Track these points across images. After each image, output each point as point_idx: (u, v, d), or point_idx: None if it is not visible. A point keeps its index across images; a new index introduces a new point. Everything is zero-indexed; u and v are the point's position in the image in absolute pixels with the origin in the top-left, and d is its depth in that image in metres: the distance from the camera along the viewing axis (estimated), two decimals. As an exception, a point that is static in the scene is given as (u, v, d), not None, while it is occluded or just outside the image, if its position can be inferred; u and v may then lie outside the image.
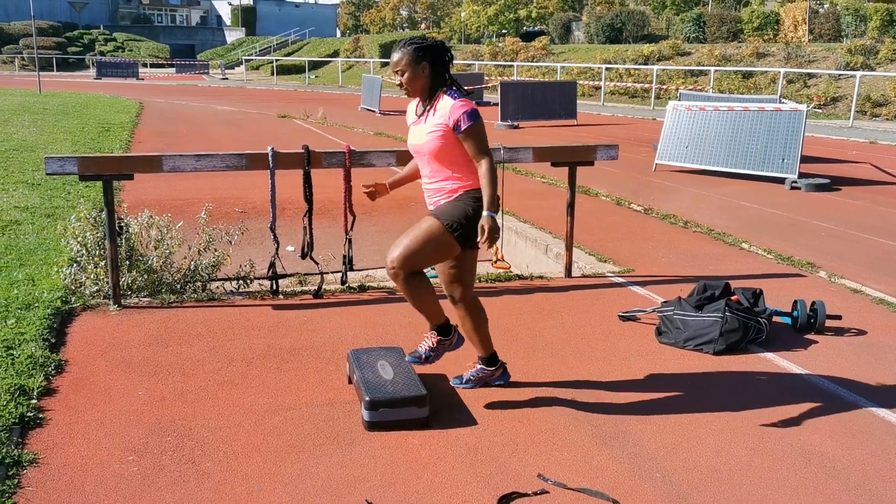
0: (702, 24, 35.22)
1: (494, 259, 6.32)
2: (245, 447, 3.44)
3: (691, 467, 3.34)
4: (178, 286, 5.56)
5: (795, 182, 10.46)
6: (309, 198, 5.50)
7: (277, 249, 5.58)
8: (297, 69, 48.93)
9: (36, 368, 4.11)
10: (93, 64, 49.39)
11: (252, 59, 53.38)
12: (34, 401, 3.79)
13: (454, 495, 3.10)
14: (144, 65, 56.30)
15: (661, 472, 3.29)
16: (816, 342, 4.86)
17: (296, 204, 9.11)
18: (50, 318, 4.85)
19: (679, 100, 13.62)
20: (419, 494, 3.10)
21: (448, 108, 3.55)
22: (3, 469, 3.17)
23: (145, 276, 5.52)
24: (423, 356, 3.81)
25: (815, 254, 7.00)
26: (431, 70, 3.60)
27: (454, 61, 3.75)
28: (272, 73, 47.81)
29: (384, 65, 41.93)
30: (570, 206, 6.09)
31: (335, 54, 50.88)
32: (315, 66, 47.73)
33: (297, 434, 3.57)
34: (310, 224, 5.57)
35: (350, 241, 5.67)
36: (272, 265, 5.56)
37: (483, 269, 6.45)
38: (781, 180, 10.76)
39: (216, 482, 3.16)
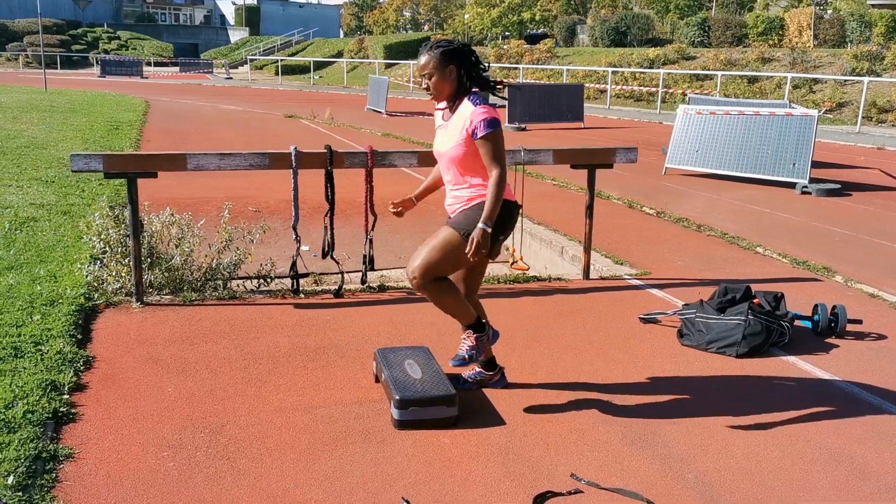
0: (706, 28, 35.26)
1: (512, 261, 6.35)
2: (278, 444, 3.46)
3: (723, 469, 3.36)
4: (199, 284, 5.58)
5: (806, 187, 10.48)
6: (331, 198, 5.51)
7: (299, 248, 5.60)
8: (301, 69, 48.99)
9: (65, 364, 4.13)
10: (97, 62, 49.48)
11: (256, 59, 53.43)
12: (66, 396, 3.81)
13: (489, 493, 3.12)
14: (148, 63, 56.39)
15: (693, 474, 3.31)
16: (838, 346, 4.88)
17: (309, 203, 9.14)
18: (75, 314, 4.87)
19: (688, 104, 13.64)
20: (454, 492, 3.12)
21: (468, 113, 3.53)
22: (41, 463, 3.19)
23: (167, 274, 5.54)
24: (467, 356, 3.76)
25: (829, 258, 7.03)
26: (458, 73, 3.59)
27: (483, 64, 3.72)
28: (276, 73, 47.87)
29: (389, 66, 41.99)
30: (589, 208, 6.11)
31: (339, 55, 50.94)
32: (319, 66, 47.78)
33: (329, 432, 3.59)
34: (331, 224, 5.59)
35: (371, 241, 5.69)
36: (294, 264, 5.58)
37: (502, 270, 6.49)
38: (792, 185, 10.79)
39: (252, 478, 3.18)
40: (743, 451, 3.51)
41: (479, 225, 3.49)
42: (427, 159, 5.69)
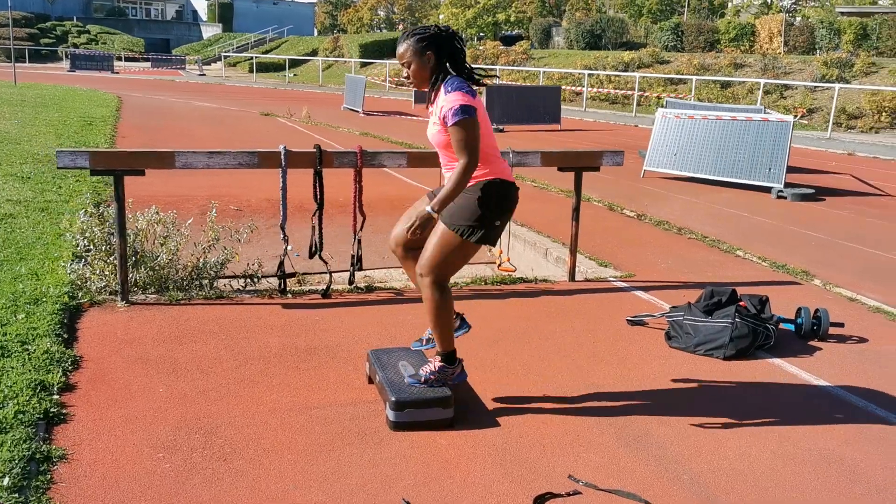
0: (679, 33, 35.63)
1: (499, 262, 6.37)
2: (274, 445, 3.45)
3: (717, 470, 3.40)
4: (186, 283, 5.53)
5: (781, 191, 10.63)
6: (321, 197, 5.49)
7: (286, 248, 5.57)
8: (275, 67, 48.66)
9: (53, 364, 4.07)
10: (66, 56, 48.76)
11: (230, 56, 52.99)
12: (56, 396, 3.76)
13: (488, 495, 3.13)
14: (119, 58, 55.66)
15: (688, 475, 3.35)
16: (821, 349, 4.96)
17: (292, 203, 9.09)
18: (59, 313, 4.80)
19: (665, 107, 13.77)
20: (454, 494, 3.13)
21: (442, 99, 3.49)
22: (34, 464, 3.15)
23: (152, 273, 5.48)
24: (423, 378, 3.74)
25: (808, 262, 7.14)
26: (437, 59, 3.52)
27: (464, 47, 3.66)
28: (250, 71, 47.51)
29: (364, 65, 41.88)
30: (576, 210, 6.15)
31: (314, 53, 50.68)
32: (294, 64, 47.51)
33: (325, 433, 3.58)
34: (319, 223, 5.57)
35: (360, 241, 5.68)
36: (281, 264, 5.55)
37: (488, 271, 6.50)
38: (768, 189, 10.94)
39: (250, 480, 3.17)
40: (735, 453, 3.56)
41: (427, 208, 3.50)
42: (416, 159, 5.70)
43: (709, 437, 3.71)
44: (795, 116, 12.58)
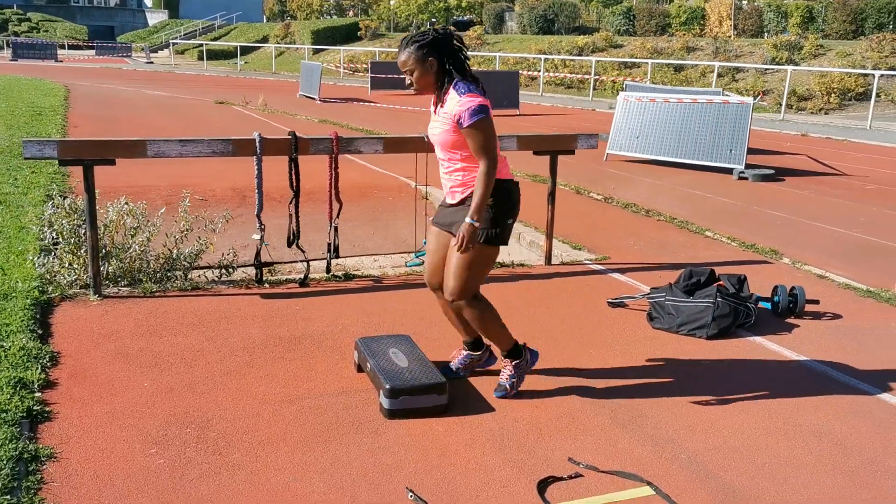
0: (631, 17, 35.91)
1: (477, 247, 6.34)
2: (269, 437, 3.38)
3: (712, 448, 3.44)
4: (160, 275, 5.40)
5: (743, 172, 10.79)
6: (297, 185, 5.41)
7: (263, 237, 5.47)
8: (225, 54, 47.87)
9: (31, 361, 3.95)
10: (7, 45, 47.32)
11: (178, 43, 51.94)
12: (38, 394, 3.64)
13: (490, 481, 3.12)
14: (62, 46, 54.25)
15: (685, 454, 3.37)
16: (798, 326, 5.04)
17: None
18: (31, 308, 4.66)
19: (625, 91, 13.86)
20: (456, 481, 3.11)
21: (455, 102, 3.49)
22: (22, 465, 3.04)
23: (124, 265, 5.34)
24: (508, 386, 3.84)
25: (775, 241, 7.25)
26: (439, 64, 3.52)
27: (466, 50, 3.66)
28: (199, 58, 46.66)
29: (317, 51, 41.42)
30: (551, 195, 6.15)
31: (265, 40, 49.97)
32: (244, 51, 46.76)
33: (319, 423, 3.52)
34: (296, 212, 5.49)
35: (336, 228, 5.60)
36: (258, 253, 5.45)
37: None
38: (729, 171, 11.09)
39: (248, 473, 3.10)
40: (728, 430, 3.60)
41: (467, 220, 3.49)
42: (392, 145, 5.64)
43: (701, 415, 3.74)
44: (755, 98, 12.75)
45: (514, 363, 3.88)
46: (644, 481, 3.13)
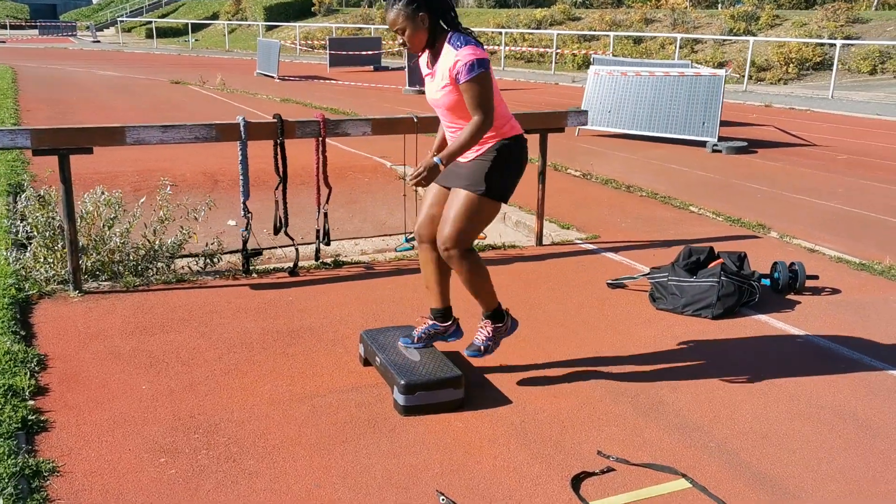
0: (589, -11, 35.83)
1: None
2: (283, 440, 3.22)
3: (739, 434, 3.36)
4: (141, 268, 5.16)
5: (716, 145, 10.78)
6: (283, 170, 5.19)
7: (249, 225, 5.25)
8: (174, 32, 46.67)
9: (18, 365, 3.72)
10: (-55, 25, 45.59)
11: (125, 21, 50.51)
12: (30, 402, 3.42)
13: (522, 479, 3.00)
14: (3, 27, 52.45)
15: (714, 442, 3.29)
16: (800, 303, 5.00)
17: (228, 176, 8.69)
18: (9, 308, 4.40)
19: (593, 64, 13.76)
20: (486, 480, 2.98)
21: (451, 57, 3.29)
22: (24, 481, 2.84)
23: (103, 258, 5.09)
24: (482, 347, 3.69)
25: (759, 215, 7.23)
26: (430, 19, 3.33)
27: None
28: (148, 36, 45.44)
29: (270, 28, 40.60)
30: (542, 174, 6.02)
31: (215, 16, 48.81)
32: (195, 28, 45.62)
33: (333, 423, 3.37)
34: (284, 198, 5.28)
35: (326, 214, 5.41)
36: (245, 242, 5.24)
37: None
38: (702, 143, 11.08)
39: (267, 481, 2.94)
40: (752, 415, 3.53)
41: (434, 158, 3.33)
42: (380, 127, 5.45)
43: (722, 400, 3.66)
44: (727, 71, 12.75)
45: (493, 325, 3.70)
46: (679, 474, 3.04)
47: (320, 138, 5.23)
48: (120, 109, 14.33)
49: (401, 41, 3.40)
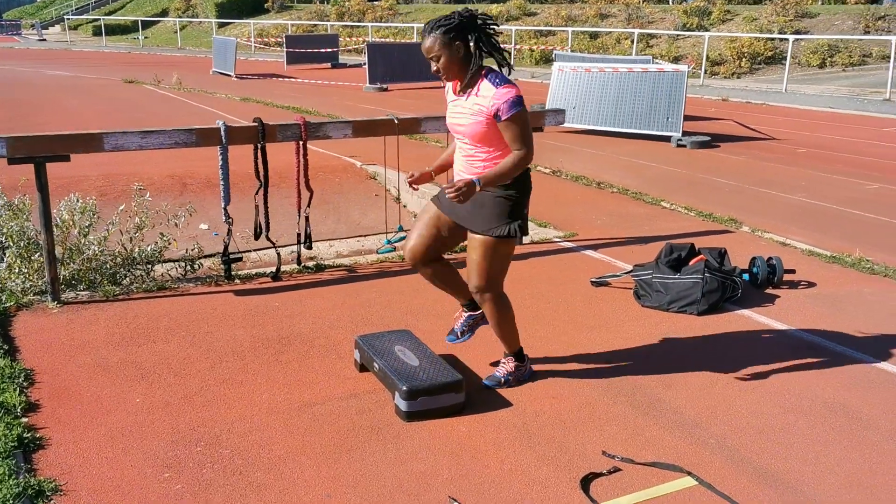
0: (542, -16, 35.99)
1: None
2: (288, 451, 3.19)
3: (737, 430, 3.42)
4: (121, 276, 5.06)
5: (681, 140, 10.94)
6: (264, 174, 5.14)
7: (230, 230, 5.19)
8: (122, 29, 45.75)
9: (6, 381, 3.62)
10: None
11: (71, 18, 49.36)
12: (23, 419, 3.34)
13: (531, 482, 3.01)
14: (-57, 25, 50.91)
15: (713, 439, 3.35)
16: (779, 296, 5.11)
17: (196, 179, 8.57)
18: (-11, 321, 4.29)
19: (556, 61, 13.85)
20: (496, 485, 2.99)
21: (490, 94, 3.30)
22: (28, 501, 2.77)
23: (80, 267, 4.99)
24: (503, 379, 3.81)
25: (729, 209, 7.36)
26: (466, 48, 3.33)
27: (496, 30, 3.46)
28: (95, 34, 44.49)
29: (222, 25, 40.06)
30: (521, 173, 6.03)
31: (164, 13, 47.94)
32: (145, 25, 44.79)
33: (336, 431, 3.35)
34: (265, 202, 5.22)
35: (307, 218, 5.37)
36: (226, 247, 5.17)
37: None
38: (667, 138, 11.23)
39: (277, 493, 2.91)
40: (748, 410, 3.59)
41: (474, 178, 3.32)
42: (361, 129, 5.42)
43: (716, 396, 3.72)
44: (689, 66, 12.93)
45: (515, 363, 3.83)
46: (685, 471, 3.09)
47: (301, 142, 5.18)
48: (78, 111, 14.02)
49: (434, 68, 3.39)
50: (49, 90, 17.67)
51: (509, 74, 3.43)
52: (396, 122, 5.39)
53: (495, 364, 3.97)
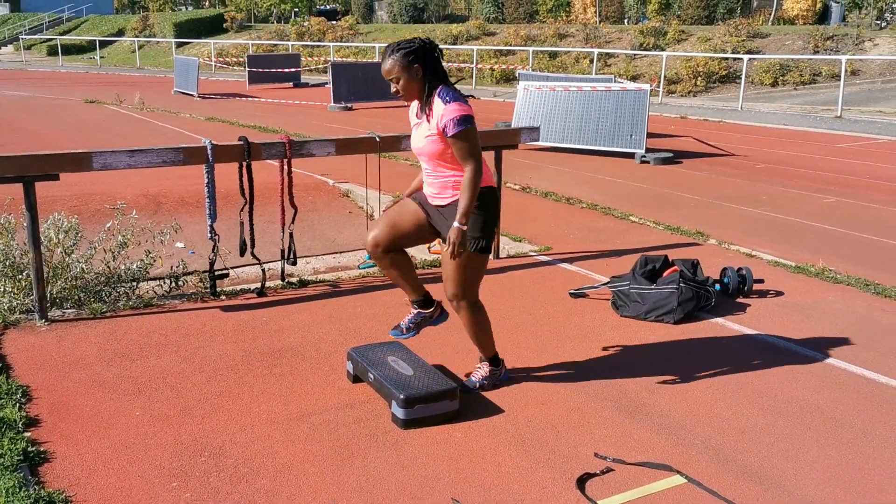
0: (500, 4, 36.54)
1: (429, 245, 6.33)
2: (292, 459, 3.28)
3: (720, 431, 3.59)
4: (107, 294, 5.09)
5: (644, 156, 11.22)
6: (249, 192, 5.22)
7: (216, 247, 5.25)
8: (77, 49, 45.25)
9: (4, 398, 3.66)
10: None
11: (25, 38, 48.67)
12: (26, 434, 3.38)
13: (530, 484, 3.14)
14: None
15: (699, 440, 3.51)
16: (749, 305, 5.32)
17: (170, 198, 8.58)
18: (-22, 340, 4.30)
19: (518, 80, 14.11)
20: (497, 487, 3.11)
21: (440, 112, 3.50)
22: (41, 514, 2.82)
23: (67, 286, 5.01)
24: (478, 384, 3.95)
25: (695, 223, 7.60)
26: (423, 72, 3.54)
27: (443, 57, 3.69)
28: (50, 54, 43.95)
29: (181, 45, 39.86)
30: (497, 188, 6.19)
31: (120, 33, 47.53)
32: (102, 45, 44.34)
33: (336, 439, 3.44)
34: (250, 219, 5.30)
35: (291, 234, 5.46)
36: (212, 264, 5.23)
37: (419, 254, 6.43)
38: (631, 155, 11.51)
39: (285, 499, 3.00)
40: (729, 412, 3.77)
41: (455, 224, 3.51)
42: (344, 147, 5.54)
43: (698, 399, 3.90)
44: (651, 85, 13.27)
45: (490, 368, 3.98)
46: (674, 470, 3.24)
47: (285, 159, 5.28)
48: (41, 132, 13.88)
49: (394, 89, 3.56)
50: (8, 111, 17.46)
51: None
52: (378, 140, 5.52)
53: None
